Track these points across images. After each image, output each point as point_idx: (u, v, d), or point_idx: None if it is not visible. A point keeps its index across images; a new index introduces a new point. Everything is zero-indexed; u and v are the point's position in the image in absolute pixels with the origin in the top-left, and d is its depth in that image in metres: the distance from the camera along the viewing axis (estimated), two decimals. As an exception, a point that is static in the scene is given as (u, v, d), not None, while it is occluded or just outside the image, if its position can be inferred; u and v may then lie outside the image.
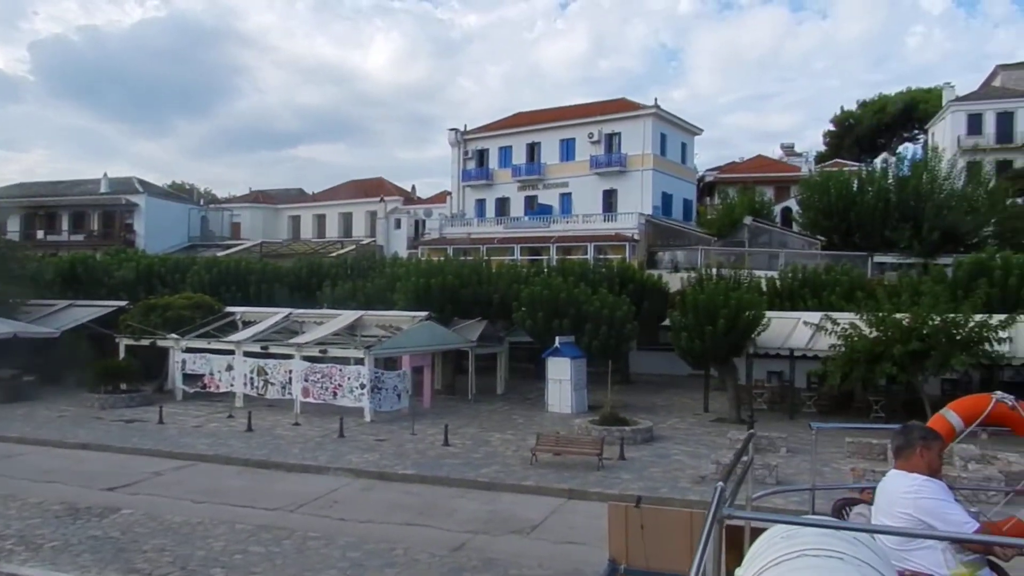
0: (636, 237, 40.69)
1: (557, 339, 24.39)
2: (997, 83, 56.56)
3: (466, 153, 52.86)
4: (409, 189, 64.21)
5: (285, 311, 28.29)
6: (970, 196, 36.90)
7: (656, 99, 47.05)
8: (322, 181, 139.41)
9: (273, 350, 24.55)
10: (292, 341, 24.76)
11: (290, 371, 23.44)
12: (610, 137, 47.49)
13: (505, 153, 51.54)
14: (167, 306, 27.66)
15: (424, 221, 52.70)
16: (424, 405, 24.32)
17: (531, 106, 75.09)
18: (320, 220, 60.87)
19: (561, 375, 24.17)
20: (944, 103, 53.41)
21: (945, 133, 51.65)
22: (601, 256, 38.43)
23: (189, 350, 25.80)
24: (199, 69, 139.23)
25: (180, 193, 67.65)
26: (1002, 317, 19.98)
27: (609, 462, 16.39)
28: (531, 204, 49.53)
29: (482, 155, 52.64)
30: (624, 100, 50.25)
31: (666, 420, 22.71)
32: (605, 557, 7.79)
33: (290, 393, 23.32)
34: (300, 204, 63.79)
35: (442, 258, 35.58)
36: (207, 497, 13.91)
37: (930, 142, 53.16)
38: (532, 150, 50.51)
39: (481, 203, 52.14)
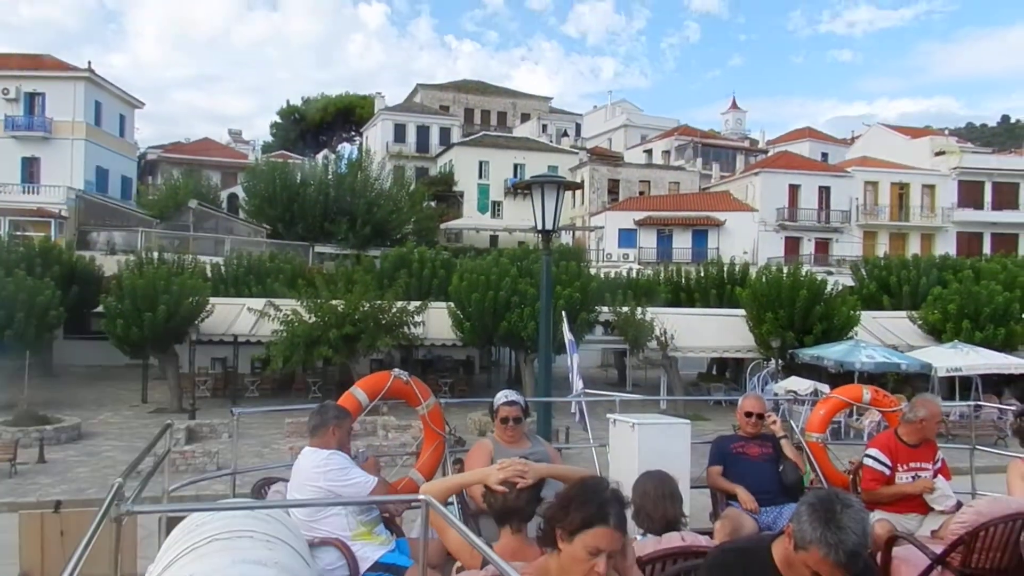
0: (64, 214, 36.31)
1: (-44, 329, 20.51)
2: (417, 99, 65.15)
3: None
4: None
5: None
6: (395, 197, 41.83)
7: (90, 62, 42.65)
8: None
9: None
10: None
11: None
12: (32, 97, 41.23)
13: None
14: None
15: None
16: None
17: (-77, 44, 61.12)
18: None
19: (-39, 372, 20.38)
20: (376, 111, 59.49)
21: (377, 138, 57.63)
22: (19, 233, 33.27)
23: None
24: None
25: None
26: (418, 303, 23.18)
27: (25, 467, 14.41)
28: (-80, 164, 40.30)
29: None
30: (51, 57, 44.17)
31: (98, 414, 20.87)
32: (15, 573, 6.96)
33: None
34: None
35: None
36: None
37: (364, 144, 58.73)
38: (-78, 98, 41.09)
39: None
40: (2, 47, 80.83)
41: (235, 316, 23.72)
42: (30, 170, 40.82)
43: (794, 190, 47.78)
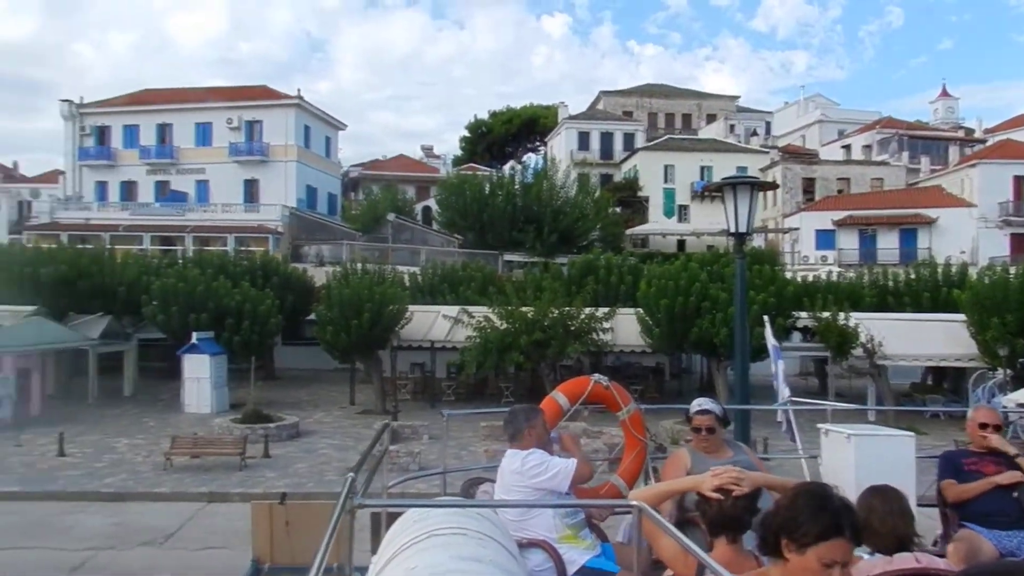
0: (280, 229, 39.76)
1: (195, 335, 22.95)
2: (600, 106, 65.20)
3: (83, 129, 46.92)
4: (10, 165, 55.47)
5: None
6: (580, 204, 42.04)
7: (300, 90, 46.45)
8: None
9: None
10: None
11: None
12: (251, 124, 45.63)
13: (131, 132, 46.75)
14: None
15: (30, 203, 45.87)
16: (33, 412, 21.27)
17: (162, 83, 69.34)
18: None
19: (199, 373, 22.77)
20: (560, 120, 60.16)
21: (561, 147, 58.23)
22: (243, 248, 36.85)
23: None
24: None
25: None
26: (606, 310, 23.14)
27: (253, 461, 15.90)
28: (163, 190, 45.70)
29: (103, 132, 47.12)
30: (266, 88, 48.67)
31: (313, 415, 22.59)
32: (248, 559, 7.61)
33: None
34: None
35: (54, 245, 31.31)
36: None
37: (549, 154, 59.52)
38: (163, 131, 46.55)
39: (103, 186, 46.75)
40: (225, 81, 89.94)
41: (431, 323, 24.79)
42: (251, 191, 45.14)
43: (1019, 182, 43.08)
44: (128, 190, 46.32)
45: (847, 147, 58.86)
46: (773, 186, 34.82)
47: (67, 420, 20.24)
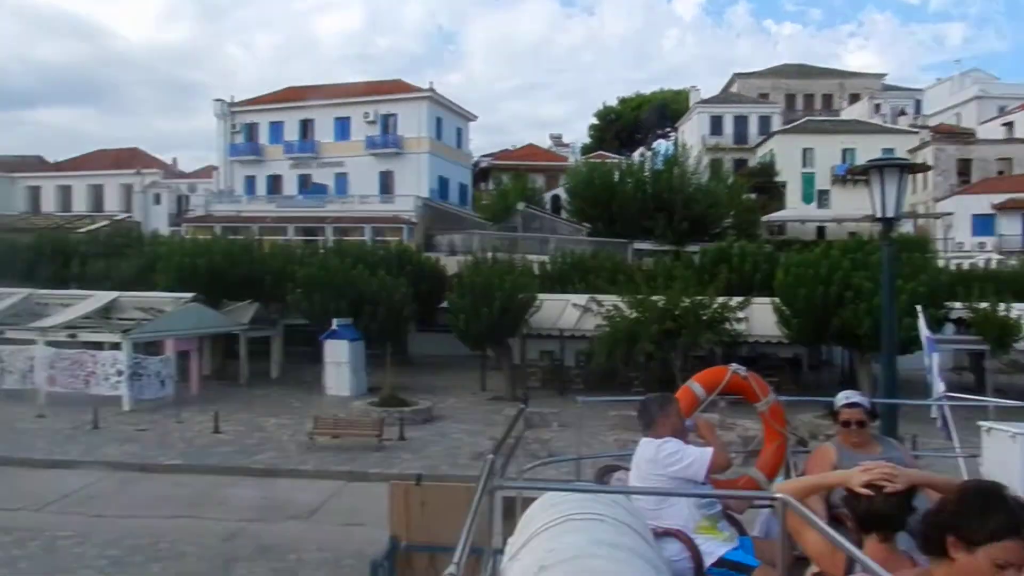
0: (414, 220, 40.90)
1: (335, 321, 24.01)
2: (734, 89, 63.15)
3: (234, 126, 49.96)
4: (170, 162, 59.72)
5: (24, 291, 25.32)
6: (713, 190, 40.85)
7: (432, 83, 47.49)
8: (67, 149, 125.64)
9: (10, 335, 22.03)
10: (34, 325, 22.28)
11: (32, 357, 21.18)
12: (386, 118, 47.12)
13: (276, 128, 49.36)
14: None
15: (188, 197, 49.36)
16: (191, 392, 22.96)
17: (305, 81, 72.70)
18: (65, 192, 54.93)
19: (339, 357, 23.83)
20: (691, 104, 58.69)
21: (692, 132, 56.81)
22: (379, 238, 38.25)
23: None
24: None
25: None
26: (740, 299, 22.46)
27: (389, 443, 16.50)
28: (305, 183, 48.01)
29: (251, 129, 50.01)
30: (400, 81, 50.08)
31: (445, 400, 23.15)
32: (386, 536, 7.91)
33: (32, 382, 21.09)
34: (40, 174, 56.99)
35: (209, 236, 33.54)
36: (-69, 503, 12.28)
37: (680, 139, 58.20)
38: (305, 127, 48.84)
39: (251, 180, 49.64)
40: (363, 76, 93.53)
41: (560, 311, 24.84)
42: (386, 182, 46.69)
43: None
44: (274, 183, 48.99)
45: (1009, 125, 54.30)
46: (924, 168, 32.74)
47: (221, 399, 21.71)
